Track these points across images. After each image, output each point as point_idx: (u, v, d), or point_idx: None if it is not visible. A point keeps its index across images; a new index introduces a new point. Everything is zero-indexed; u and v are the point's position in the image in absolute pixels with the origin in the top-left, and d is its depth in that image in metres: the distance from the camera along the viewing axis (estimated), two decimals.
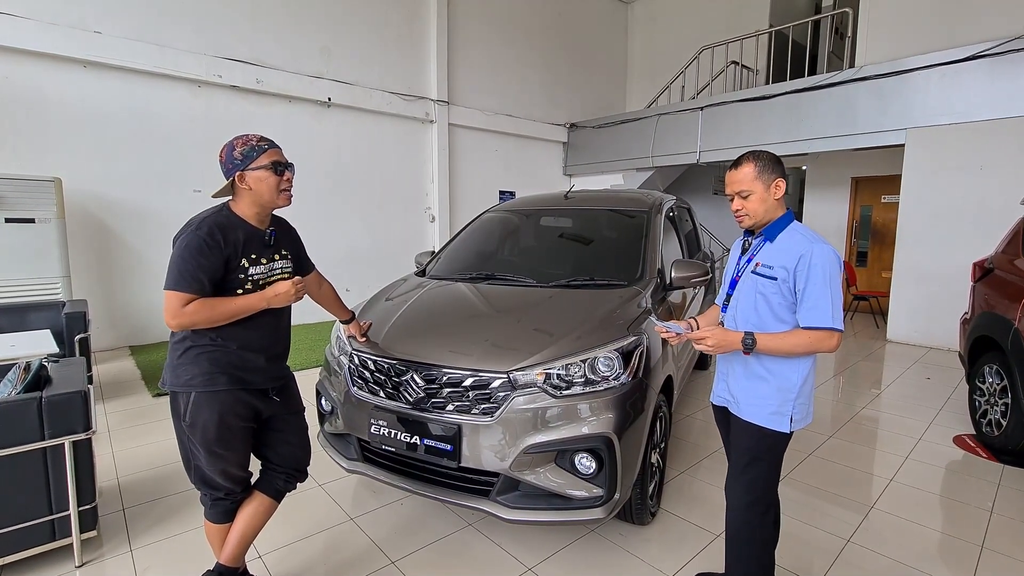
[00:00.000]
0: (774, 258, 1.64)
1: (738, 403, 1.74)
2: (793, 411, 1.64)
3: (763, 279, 1.65)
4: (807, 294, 1.56)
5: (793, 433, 1.68)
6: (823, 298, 1.54)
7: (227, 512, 1.77)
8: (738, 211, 1.69)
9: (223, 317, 1.58)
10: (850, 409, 4.02)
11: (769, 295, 1.64)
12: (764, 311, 1.66)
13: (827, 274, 1.55)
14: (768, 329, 1.65)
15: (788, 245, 1.63)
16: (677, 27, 10.14)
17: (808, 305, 1.57)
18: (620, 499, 2.03)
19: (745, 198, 1.66)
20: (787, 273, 1.60)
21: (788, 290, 1.61)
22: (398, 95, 7.43)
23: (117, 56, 5.23)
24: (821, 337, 1.55)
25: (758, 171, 1.63)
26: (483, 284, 2.85)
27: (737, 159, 1.69)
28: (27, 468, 1.98)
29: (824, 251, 1.57)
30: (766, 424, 1.66)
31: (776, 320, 1.64)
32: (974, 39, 5.56)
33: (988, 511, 2.61)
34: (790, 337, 1.58)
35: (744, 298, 1.72)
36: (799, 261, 1.58)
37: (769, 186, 1.64)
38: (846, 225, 8.28)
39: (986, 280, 3.69)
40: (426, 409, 2.08)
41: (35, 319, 3.73)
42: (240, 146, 1.62)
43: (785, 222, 1.67)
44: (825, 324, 1.54)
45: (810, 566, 2.16)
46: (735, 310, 1.76)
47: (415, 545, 2.28)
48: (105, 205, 5.38)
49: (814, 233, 1.64)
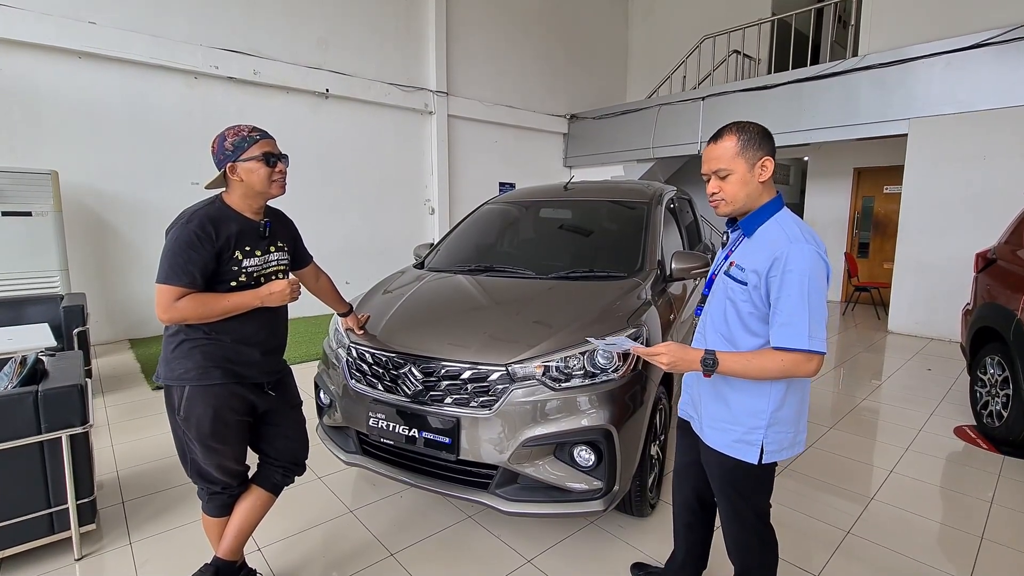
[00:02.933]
0: (748, 258, 1.37)
1: (701, 424, 1.52)
2: (765, 440, 1.37)
3: (733, 282, 1.39)
4: (780, 307, 1.28)
5: (775, 465, 1.43)
6: (798, 314, 1.26)
7: (224, 506, 1.76)
8: (714, 195, 1.40)
9: (215, 314, 1.56)
10: (850, 400, 4.01)
11: (739, 302, 1.37)
12: (733, 320, 1.40)
13: (805, 283, 1.26)
14: (738, 342, 1.39)
15: (764, 243, 1.34)
16: (678, 16, 10.04)
17: (780, 320, 1.28)
18: (619, 491, 2.02)
19: (723, 178, 1.38)
20: (758, 278, 1.32)
21: (760, 298, 1.33)
22: (396, 86, 7.37)
23: (112, 47, 5.17)
24: (797, 361, 1.26)
25: (741, 146, 1.35)
26: (482, 276, 2.83)
27: (718, 131, 1.41)
28: (24, 462, 1.97)
29: (803, 253, 1.27)
30: (730, 453, 1.42)
31: (746, 332, 1.37)
32: (979, 27, 5.49)
33: (988, 502, 2.60)
34: (759, 359, 1.30)
35: (715, 303, 1.47)
36: (772, 264, 1.29)
37: (754, 165, 1.35)
38: (848, 216, 8.24)
39: (988, 271, 3.67)
40: (424, 402, 2.07)
41: (33, 313, 3.72)
42: (231, 137, 1.60)
43: (768, 212, 1.38)
44: (799, 346, 1.25)
45: (810, 557, 2.16)
46: (706, 316, 1.51)
47: (414, 537, 2.28)
48: (102, 198, 5.35)
49: (800, 227, 1.35)
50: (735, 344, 1.40)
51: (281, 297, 1.64)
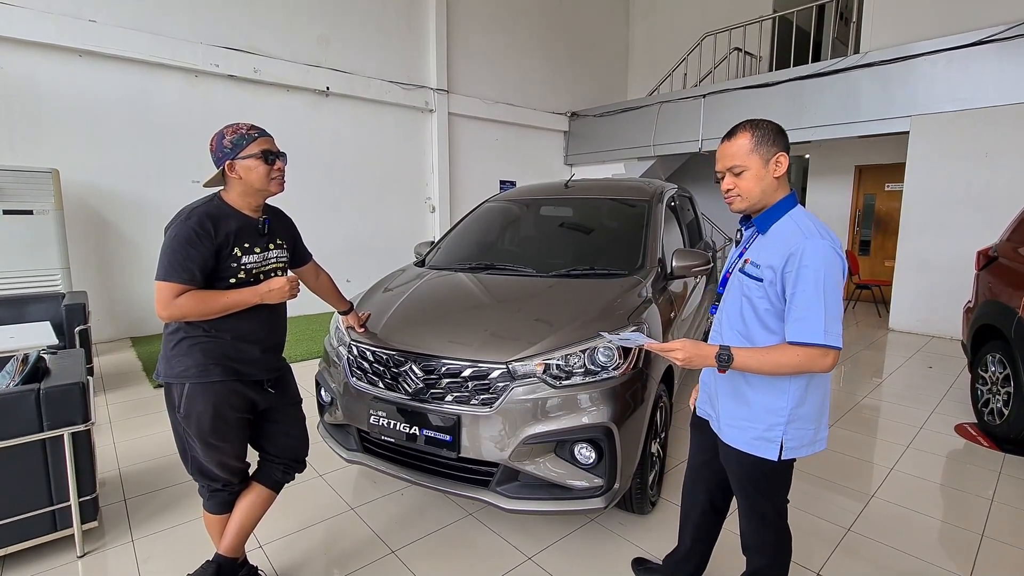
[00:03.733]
0: (763, 255, 1.38)
1: (719, 422, 1.53)
2: (785, 437, 1.38)
3: (749, 279, 1.40)
4: (795, 302, 1.30)
5: (794, 461, 1.44)
6: (813, 308, 1.27)
7: (225, 503, 1.77)
8: (728, 191, 1.41)
9: (215, 311, 1.56)
10: (852, 398, 4.01)
11: (755, 299, 1.38)
12: (750, 318, 1.41)
13: (820, 278, 1.27)
14: (755, 339, 1.40)
15: (779, 240, 1.36)
16: (679, 13, 10.01)
17: (795, 316, 1.30)
18: (620, 489, 2.02)
19: (738, 175, 1.39)
20: (774, 274, 1.33)
21: (776, 295, 1.35)
22: (397, 84, 7.36)
23: (112, 45, 5.17)
24: (812, 356, 1.28)
25: (755, 143, 1.37)
26: (483, 274, 2.83)
27: (732, 128, 1.42)
28: (27, 460, 1.98)
29: (819, 248, 1.29)
30: (748, 450, 1.42)
31: (764, 329, 1.39)
32: (981, 23, 5.46)
33: (989, 499, 2.60)
34: (774, 354, 1.31)
35: (731, 301, 1.48)
36: (788, 260, 1.31)
37: (768, 161, 1.36)
38: (849, 214, 8.22)
39: (990, 268, 3.66)
40: (425, 400, 2.07)
41: (35, 311, 3.73)
42: (230, 135, 1.60)
43: (783, 208, 1.39)
44: (815, 340, 1.27)
45: (811, 554, 2.16)
46: (722, 314, 1.52)
47: (415, 535, 2.28)
48: (103, 196, 5.35)
49: (815, 223, 1.36)
50: (752, 341, 1.41)
51: (280, 294, 1.65)
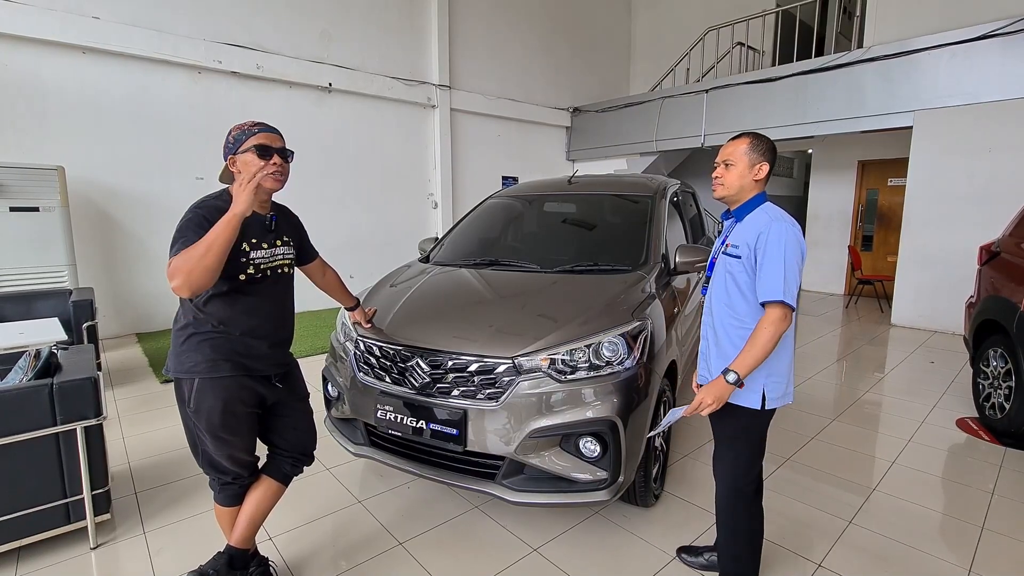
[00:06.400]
0: (739, 237, 1.70)
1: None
2: (766, 388, 1.68)
3: (731, 259, 1.71)
4: (762, 270, 1.60)
5: (774, 412, 1.71)
6: (775, 272, 1.57)
7: (235, 496, 1.80)
8: (716, 178, 1.76)
9: (200, 253, 1.42)
10: (853, 392, 4.03)
11: (736, 273, 1.69)
12: (733, 290, 1.71)
13: (782, 249, 1.58)
14: (736, 307, 1.70)
15: (752, 224, 1.68)
16: (682, 8, 9.97)
17: (762, 279, 1.61)
18: (624, 482, 2.05)
19: (727, 167, 1.73)
20: (748, 250, 1.65)
21: (751, 268, 1.65)
22: (399, 80, 7.36)
23: (116, 42, 5.18)
24: (776, 320, 1.57)
25: (750, 147, 1.70)
26: (487, 270, 2.85)
27: (738, 134, 1.78)
28: (41, 453, 2.01)
29: (782, 228, 1.61)
30: (736, 402, 1.69)
31: (742, 298, 1.69)
32: (985, 18, 5.44)
33: (989, 493, 2.62)
34: (755, 337, 1.59)
35: (717, 280, 1.78)
36: (758, 238, 1.63)
37: (753, 165, 1.70)
38: (852, 209, 8.21)
39: (992, 264, 3.67)
40: (432, 394, 2.10)
41: (42, 307, 3.76)
42: (235, 131, 1.64)
43: (756, 203, 1.72)
44: (775, 297, 1.56)
45: (812, 547, 2.19)
46: (711, 292, 1.81)
47: (422, 527, 2.31)
48: (108, 193, 5.38)
49: (781, 213, 1.67)
50: (734, 308, 1.71)
51: (251, 191, 1.48)
